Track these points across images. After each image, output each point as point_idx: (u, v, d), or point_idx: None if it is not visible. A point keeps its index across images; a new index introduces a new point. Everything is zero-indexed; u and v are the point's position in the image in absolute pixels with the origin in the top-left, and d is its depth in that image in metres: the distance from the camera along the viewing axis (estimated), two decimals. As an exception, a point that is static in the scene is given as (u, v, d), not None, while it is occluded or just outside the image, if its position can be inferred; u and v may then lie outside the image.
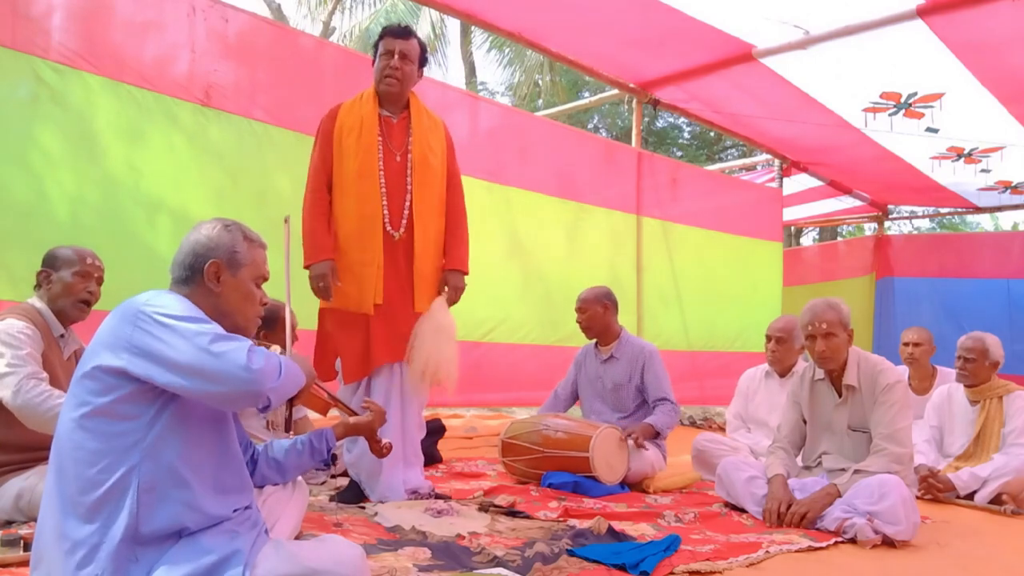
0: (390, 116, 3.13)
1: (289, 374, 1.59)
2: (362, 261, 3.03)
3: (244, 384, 1.45)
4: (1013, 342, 6.65)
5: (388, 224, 3.05)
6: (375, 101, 3.11)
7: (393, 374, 3.12)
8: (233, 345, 1.47)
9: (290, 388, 1.62)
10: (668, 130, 18.76)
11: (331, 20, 14.90)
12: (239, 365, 1.44)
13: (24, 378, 2.33)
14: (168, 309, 1.49)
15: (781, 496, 2.94)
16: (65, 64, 3.44)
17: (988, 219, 19.05)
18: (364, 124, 3.05)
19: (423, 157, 3.12)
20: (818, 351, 3.06)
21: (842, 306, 3.10)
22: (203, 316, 1.54)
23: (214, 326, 1.51)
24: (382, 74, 3.07)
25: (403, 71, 3.06)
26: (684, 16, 4.79)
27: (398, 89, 3.08)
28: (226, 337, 1.49)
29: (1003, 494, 3.41)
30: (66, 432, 1.49)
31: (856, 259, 9.87)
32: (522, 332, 5.55)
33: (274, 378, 1.50)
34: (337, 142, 3.06)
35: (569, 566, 2.18)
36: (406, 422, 3.15)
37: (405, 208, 3.08)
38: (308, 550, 1.58)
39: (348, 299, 3.05)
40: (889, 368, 3.09)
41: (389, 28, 3.16)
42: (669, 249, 6.76)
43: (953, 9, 4.37)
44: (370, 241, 3.03)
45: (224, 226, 1.69)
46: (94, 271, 2.63)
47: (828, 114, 6.00)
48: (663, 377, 3.87)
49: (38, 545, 1.49)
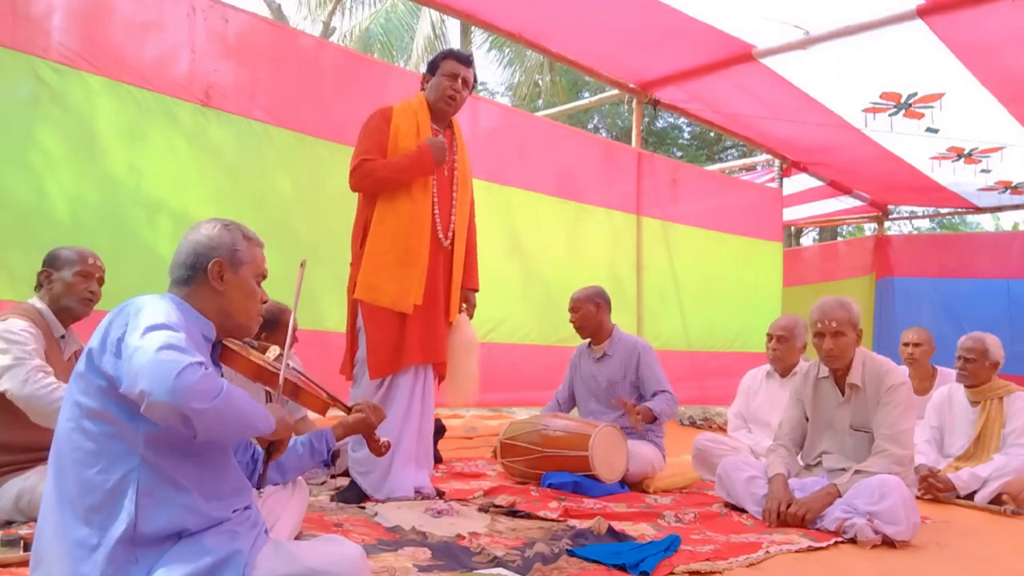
0: (438, 131, 3.24)
1: (236, 411, 1.45)
2: (404, 262, 3.07)
3: (166, 393, 1.34)
4: (1013, 342, 6.64)
5: (440, 231, 3.16)
6: (428, 113, 3.20)
7: (419, 376, 3.16)
8: (179, 356, 1.38)
9: (233, 425, 1.47)
10: (668, 130, 18.78)
11: (331, 20, 14.90)
12: (170, 370, 1.35)
13: (32, 369, 2.35)
14: (148, 313, 1.46)
15: (781, 496, 2.94)
16: (65, 64, 3.44)
17: (988, 219, 19.05)
18: (422, 132, 3.14)
19: (465, 175, 3.31)
20: (826, 349, 3.05)
21: (852, 305, 3.09)
22: (176, 325, 1.47)
23: (181, 337, 1.43)
24: (444, 94, 3.20)
25: (462, 96, 3.25)
26: (684, 16, 4.79)
27: (454, 111, 3.27)
28: (180, 349, 1.40)
29: (1003, 494, 3.42)
30: (64, 433, 1.49)
31: (856, 259, 9.88)
32: (522, 332, 5.55)
33: (203, 400, 1.37)
34: (393, 142, 3.11)
35: (569, 566, 2.18)
36: (423, 425, 3.18)
37: (452, 219, 3.22)
38: (308, 550, 1.58)
39: (383, 295, 3.07)
40: (894, 369, 3.08)
41: (457, 53, 3.29)
42: (669, 249, 6.76)
43: (953, 9, 4.37)
44: (416, 244, 3.09)
45: (223, 226, 1.69)
46: (95, 271, 2.64)
47: (828, 114, 6.00)
48: (658, 370, 3.86)
49: (38, 545, 1.49)
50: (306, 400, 1.87)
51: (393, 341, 3.10)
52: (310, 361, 3.73)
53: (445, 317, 3.22)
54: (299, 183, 4.35)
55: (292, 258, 2.38)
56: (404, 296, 3.07)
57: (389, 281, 3.05)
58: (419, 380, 3.16)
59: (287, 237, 4.18)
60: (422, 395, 3.17)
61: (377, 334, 3.09)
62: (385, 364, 3.10)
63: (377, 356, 3.09)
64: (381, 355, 3.09)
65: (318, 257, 4.29)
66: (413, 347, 3.11)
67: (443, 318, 3.21)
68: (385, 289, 3.06)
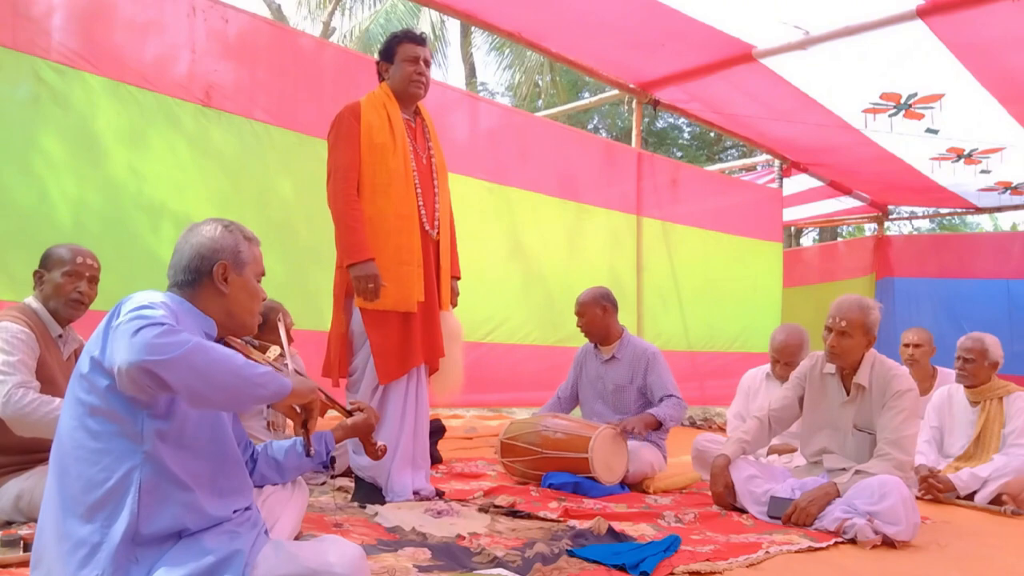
0: (409, 119, 3.18)
1: (218, 363, 1.40)
2: (400, 260, 3.01)
3: (126, 353, 1.33)
4: (1013, 342, 6.66)
5: (425, 223, 3.10)
6: (396, 103, 3.12)
7: (411, 376, 3.11)
8: (141, 322, 1.37)
9: (219, 379, 1.41)
10: (668, 130, 18.78)
11: (331, 21, 14.91)
12: (128, 331, 1.36)
13: (13, 387, 2.30)
14: (134, 302, 1.46)
15: (716, 479, 3.13)
16: (66, 64, 3.44)
17: (988, 219, 19.04)
18: (395, 124, 3.05)
19: (441, 160, 3.24)
20: (830, 345, 3.05)
21: (873, 311, 3.06)
22: (159, 306, 1.46)
23: (159, 313, 1.42)
24: (410, 79, 3.11)
25: (427, 76, 3.16)
26: (684, 17, 4.79)
27: (425, 93, 3.17)
28: (147, 319, 1.38)
29: (1003, 494, 3.41)
30: (67, 431, 1.49)
31: (856, 259, 9.87)
32: (522, 332, 5.55)
33: (164, 352, 1.33)
34: (367, 140, 3.01)
35: (569, 566, 2.18)
36: (419, 425, 3.14)
37: (436, 208, 3.16)
38: (308, 550, 1.58)
39: (384, 299, 2.99)
40: (904, 375, 3.08)
41: (410, 34, 3.20)
42: (669, 249, 6.76)
43: (953, 9, 4.37)
44: (408, 240, 3.03)
45: (224, 227, 1.69)
46: (85, 270, 2.57)
47: (828, 115, 6.00)
48: (667, 377, 3.84)
49: (38, 545, 1.49)
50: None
51: (399, 344, 3.04)
52: (310, 361, 3.74)
53: (438, 309, 3.17)
54: (300, 183, 4.35)
55: (293, 259, 2.39)
56: (407, 295, 3.02)
57: (389, 283, 2.98)
58: (412, 380, 3.11)
59: (288, 237, 4.18)
60: (416, 395, 3.12)
61: (383, 339, 3.01)
62: (394, 369, 3.04)
63: (385, 361, 3.01)
64: (389, 360, 3.02)
65: (319, 257, 4.29)
66: (416, 347, 3.07)
67: (437, 311, 3.16)
68: (386, 292, 2.98)
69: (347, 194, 2.98)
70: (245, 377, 1.46)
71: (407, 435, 3.06)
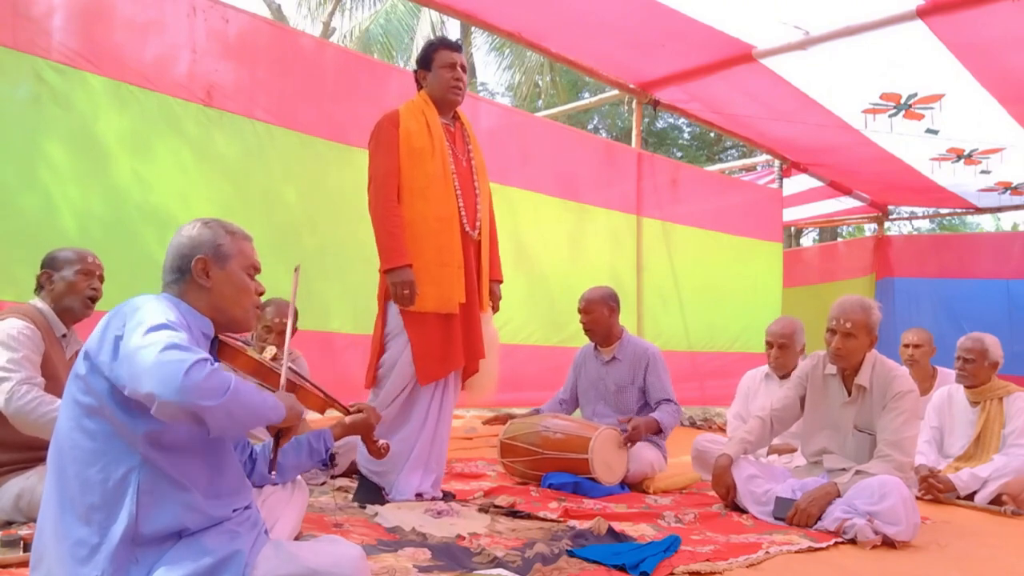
0: (448, 124, 3.21)
1: (247, 404, 1.46)
2: (440, 262, 3.02)
3: (175, 392, 1.34)
4: (1013, 342, 6.64)
5: (466, 224, 3.11)
6: (435, 109, 3.16)
7: (442, 380, 3.11)
8: (184, 354, 1.38)
9: (244, 419, 1.48)
10: (668, 131, 18.79)
11: (331, 21, 14.90)
12: (177, 370, 1.35)
13: (16, 384, 2.32)
14: (147, 313, 1.46)
15: (720, 481, 3.14)
16: (66, 64, 3.44)
17: (988, 220, 19.04)
18: (433, 129, 3.09)
19: (481, 163, 3.26)
20: (834, 347, 3.05)
21: (875, 311, 3.07)
22: (177, 324, 1.47)
23: (183, 336, 1.44)
24: (449, 85, 3.14)
25: (464, 82, 3.19)
26: (684, 17, 4.79)
27: (462, 99, 3.21)
28: (183, 348, 1.40)
29: (1003, 495, 3.42)
30: (65, 432, 1.49)
31: (856, 260, 9.87)
32: (524, 333, 5.55)
33: (213, 397, 1.38)
34: (406, 146, 3.03)
35: (569, 567, 2.18)
36: (439, 429, 3.13)
37: (477, 210, 3.17)
38: (308, 551, 1.58)
39: (426, 300, 2.99)
40: (905, 376, 3.08)
41: (445, 41, 3.24)
42: (669, 249, 6.76)
43: (953, 10, 4.37)
44: (448, 241, 3.04)
45: (204, 223, 1.70)
46: (96, 268, 2.64)
47: (828, 115, 6.00)
48: (666, 379, 3.86)
49: (38, 545, 1.49)
50: (304, 399, 1.87)
51: (440, 345, 3.04)
52: (314, 361, 3.73)
53: (479, 311, 3.17)
54: (300, 183, 4.35)
55: (295, 258, 2.39)
56: (448, 297, 3.02)
57: (429, 285, 2.98)
58: (440, 386, 3.11)
59: (289, 237, 4.18)
60: (441, 401, 3.12)
61: (424, 341, 3.02)
62: (435, 370, 3.05)
63: (426, 363, 3.02)
64: (430, 361, 3.03)
65: (321, 257, 4.30)
66: (457, 348, 3.07)
67: (478, 313, 3.16)
68: (427, 293, 2.98)
69: (387, 200, 3.00)
70: (260, 413, 1.54)
71: (425, 440, 3.06)
